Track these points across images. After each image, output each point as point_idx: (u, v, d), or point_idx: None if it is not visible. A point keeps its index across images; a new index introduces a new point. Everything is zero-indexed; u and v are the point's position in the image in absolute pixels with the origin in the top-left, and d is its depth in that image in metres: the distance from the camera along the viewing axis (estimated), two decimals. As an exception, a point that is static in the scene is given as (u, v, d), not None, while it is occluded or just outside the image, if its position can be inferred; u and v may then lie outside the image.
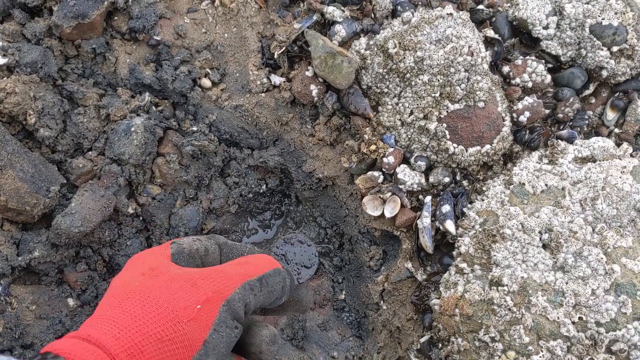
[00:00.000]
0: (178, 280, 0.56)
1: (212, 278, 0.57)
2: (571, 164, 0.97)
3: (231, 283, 0.57)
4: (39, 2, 1.05)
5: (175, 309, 0.52)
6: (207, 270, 0.59)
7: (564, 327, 0.83)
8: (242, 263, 0.61)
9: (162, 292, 0.54)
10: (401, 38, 0.96)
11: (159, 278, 0.56)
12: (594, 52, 1.01)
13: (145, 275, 0.57)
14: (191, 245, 0.64)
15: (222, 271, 0.58)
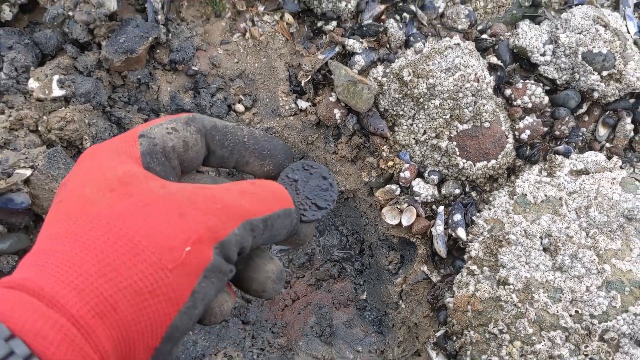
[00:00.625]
0: (159, 206, 0.42)
1: (205, 208, 0.43)
2: (567, 176, 1.09)
3: (229, 219, 0.44)
4: (89, 38, 1.17)
5: (157, 249, 0.40)
6: (198, 192, 0.44)
7: (563, 319, 0.96)
8: (246, 192, 0.47)
9: (139, 224, 0.40)
10: (415, 67, 1.09)
11: (132, 200, 0.42)
12: (586, 76, 1.13)
13: (115, 194, 0.42)
14: (165, 140, 0.48)
15: (220, 200, 0.44)
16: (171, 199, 0.43)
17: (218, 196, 0.45)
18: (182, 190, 0.44)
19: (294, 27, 1.20)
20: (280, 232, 0.49)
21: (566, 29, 1.15)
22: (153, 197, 0.42)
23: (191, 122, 0.51)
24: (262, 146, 0.54)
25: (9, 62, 1.10)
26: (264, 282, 0.51)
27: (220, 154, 0.53)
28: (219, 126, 0.52)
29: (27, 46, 1.14)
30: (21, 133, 1.06)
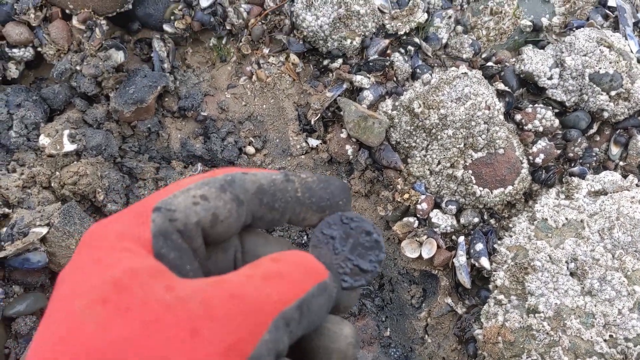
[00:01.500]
0: (166, 323, 0.32)
1: (224, 316, 0.34)
2: (586, 197, 1.09)
3: (256, 324, 0.34)
4: (97, 91, 1.18)
5: None
6: (214, 293, 0.34)
7: (597, 345, 0.93)
8: (271, 276, 0.37)
9: (138, 352, 0.31)
10: (425, 98, 1.09)
11: (129, 317, 0.32)
12: (594, 96, 1.14)
13: (108, 308, 0.33)
14: (188, 214, 0.39)
15: (241, 298, 0.35)
16: (181, 310, 0.33)
17: (237, 292, 0.35)
18: (193, 293, 0.34)
19: (300, 67, 1.21)
20: (319, 314, 0.39)
21: (571, 51, 1.16)
22: (157, 311, 0.32)
23: (228, 186, 0.41)
24: (319, 197, 0.45)
25: (18, 120, 1.10)
26: (346, 350, 0.41)
27: (269, 218, 0.44)
28: (265, 186, 0.43)
29: (36, 102, 1.14)
30: (34, 190, 1.06)
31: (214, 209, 0.39)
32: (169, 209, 0.38)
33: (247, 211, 0.42)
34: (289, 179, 0.44)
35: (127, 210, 0.39)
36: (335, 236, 0.46)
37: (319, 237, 0.47)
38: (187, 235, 0.38)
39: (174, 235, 0.38)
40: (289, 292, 0.37)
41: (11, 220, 0.98)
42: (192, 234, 0.39)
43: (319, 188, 0.45)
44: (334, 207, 0.46)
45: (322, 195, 0.45)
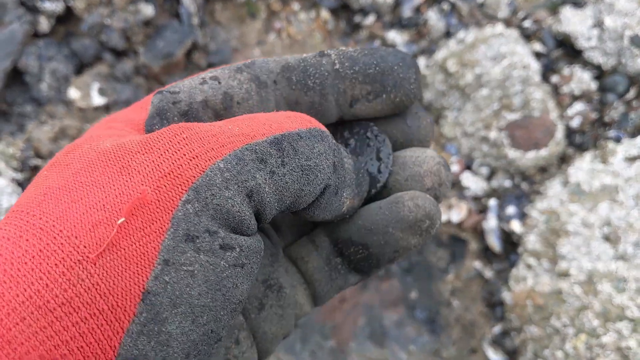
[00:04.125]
0: (99, 164, 0.27)
1: (160, 147, 0.27)
2: (621, 162, 1.06)
3: (205, 151, 0.27)
4: (126, 46, 1.17)
5: (73, 232, 0.24)
6: (161, 130, 0.28)
7: (629, 309, 0.92)
8: (240, 119, 0.29)
9: (59, 203, 0.26)
10: (459, 57, 1.07)
11: (66, 171, 0.27)
12: (633, 60, 1.10)
13: (53, 169, 0.28)
14: (192, 93, 0.32)
15: (189, 129, 0.27)
16: (116, 151, 0.27)
17: (187, 127, 0.28)
18: (140, 136, 0.28)
19: (331, 24, 1.19)
20: (316, 162, 0.29)
21: (611, 12, 1.12)
22: (93, 157, 0.27)
23: (245, 67, 0.33)
24: (364, 64, 0.34)
25: (50, 72, 1.10)
26: (438, 171, 0.34)
27: (307, 101, 0.34)
28: (292, 63, 0.34)
29: (66, 56, 1.13)
30: (65, 142, 1.06)
31: (225, 88, 0.32)
32: (171, 91, 0.32)
33: (275, 96, 0.34)
34: (322, 54, 0.35)
35: (135, 102, 0.34)
36: (349, 144, 0.38)
37: (335, 136, 0.39)
38: (194, 116, 0.32)
39: (171, 114, 0.32)
40: (262, 128, 0.28)
41: (43, 172, 0.98)
42: (200, 115, 0.32)
43: (362, 55, 0.35)
44: (387, 74, 0.34)
45: (368, 62, 0.35)
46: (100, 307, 0.24)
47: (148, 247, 0.25)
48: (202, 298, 0.25)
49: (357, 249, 0.35)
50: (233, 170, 0.26)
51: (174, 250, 0.25)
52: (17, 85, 1.11)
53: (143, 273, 0.24)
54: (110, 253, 0.24)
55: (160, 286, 0.24)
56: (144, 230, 0.25)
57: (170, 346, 0.25)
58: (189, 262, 0.25)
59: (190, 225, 0.25)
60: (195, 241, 0.25)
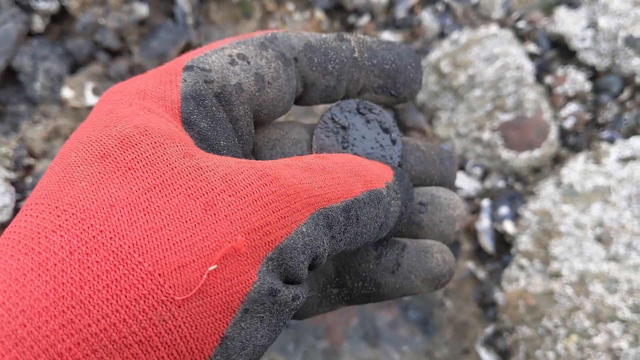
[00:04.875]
0: (177, 189, 0.25)
1: (249, 194, 0.26)
2: (615, 163, 1.06)
3: (291, 209, 0.27)
4: (121, 45, 1.17)
5: (157, 268, 0.23)
6: (242, 169, 0.27)
7: (620, 310, 0.92)
8: (315, 169, 0.30)
9: (134, 225, 0.23)
10: (453, 57, 1.07)
11: (130, 178, 0.25)
12: (627, 60, 1.10)
13: (106, 164, 0.25)
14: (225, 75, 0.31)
15: (274, 179, 0.27)
16: (197, 179, 0.25)
17: (271, 173, 0.27)
18: (217, 166, 0.26)
19: (325, 24, 1.19)
20: (369, 228, 0.30)
21: (605, 13, 1.12)
22: (165, 175, 0.25)
23: (269, 43, 0.33)
24: (382, 58, 0.36)
25: (43, 72, 1.10)
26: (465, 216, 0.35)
27: (323, 85, 0.35)
28: (314, 44, 0.34)
29: (60, 56, 1.13)
30: (58, 142, 1.06)
31: (255, 69, 0.32)
32: (203, 68, 0.31)
33: (297, 74, 0.34)
34: (343, 38, 0.36)
35: (154, 70, 0.32)
36: (347, 126, 0.38)
37: (327, 124, 0.38)
38: (226, 100, 0.31)
39: (208, 99, 0.30)
40: (335, 189, 0.29)
41: (36, 170, 0.98)
42: (233, 100, 0.31)
43: (380, 48, 0.36)
44: (400, 72, 0.36)
45: (386, 57, 0.36)
46: (180, 349, 0.23)
47: (233, 297, 0.25)
48: (263, 339, 0.27)
49: (367, 284, 0.35)
50: (311, 236, 0.27)
51: (256, 302, 0.26)
52: (11, 85, 1.11)
53: (225, 320, 0.25)
54: (197, 299, 0.24)
55: (236, 331, 0.25)
56: (232, 281, 0.25)
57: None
58: (263, 311, 0.26)
59: (268, 282, 0.26)
60: (275, 295, 0.26)
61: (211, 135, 0.30)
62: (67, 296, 0.21)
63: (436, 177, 0.38)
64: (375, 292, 0.35)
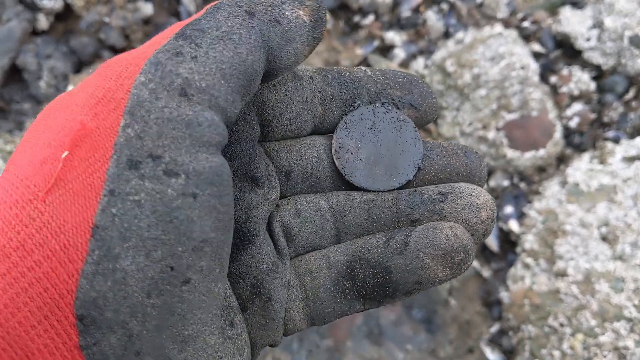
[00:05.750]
0: (50, 111, 0.27)
1: (93, 78, 0.27)
2: (620, 162, 1.06)
3: (124, 69, 0.26)
4: (125, 44, 1.17)
5: (22, 172, 0.25)
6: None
7: (626, 309, 0.92)
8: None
9: (22, 149, 0.26)
10: (458, 57, 1.07)
11: (40, 115, 0.28)
12: (633, 60, 1.10)
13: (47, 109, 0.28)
14: None
15: (112, 58, 0.28)
16: (66, 95, 0.27)
17: (115, 57, 0.28)
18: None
19: (330, 24, 1.19)
20: (228, 26, 0.27)
21: (611, 13, 1.12)
22: (50, 106, 0.28)
23: None
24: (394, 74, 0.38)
25: (48, 70, 1.10)
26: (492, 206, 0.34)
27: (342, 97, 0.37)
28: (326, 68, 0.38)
29: (65, 54, 1.13)
30: (63, 141, 1.06)
31: None
32: None
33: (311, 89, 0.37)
34: (354, 67, 0.39)
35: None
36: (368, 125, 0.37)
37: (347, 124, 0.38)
38: None
39: None
40: (165, 35, 0.28)
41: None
42: None
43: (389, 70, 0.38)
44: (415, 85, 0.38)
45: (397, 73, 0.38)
46: (53, 248, 0.23)
47: (94, 178, 0.24)
48: (153, 230, 0.24)
49: (377, 272, 0.34)
50: (155, 79, 0.25)
51: (119, 178, 0.24)
52: (15, 83, 1.11)
53: (90, 206, 0.23)
54: (58, 189, 0.24)
55: (108, 219, 0.23)
56: (88, 161, 0.24)
57: (128, 284, 0.24)
58: (134, 191, 0.24)
59: (132, 150, 0.24)
60: (138, 167, 0.24)
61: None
62: None
63: (462, 171, 0.37)
64: (388, 280, 0.33)
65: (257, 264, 0.34)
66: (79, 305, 0.23)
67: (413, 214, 0.35)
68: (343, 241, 0.37)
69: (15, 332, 0.22)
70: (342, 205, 0.37)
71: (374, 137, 0.38)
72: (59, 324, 0.23)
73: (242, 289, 0.34)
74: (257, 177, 0.34)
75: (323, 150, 0.38)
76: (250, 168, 0.34)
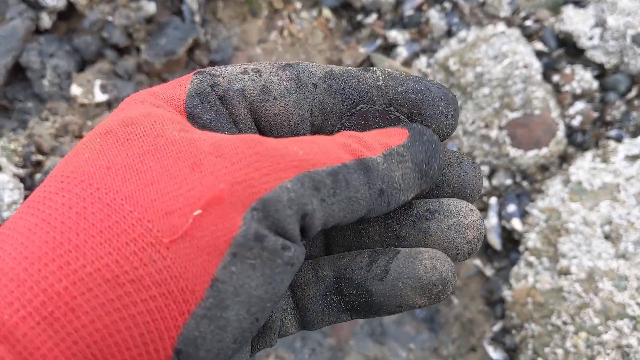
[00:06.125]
0: (165, 155, 0.28)
1: (234, 154, 0.28)
2: (623, 161, 1.06)
3: (274, 169, 0.28)
4: (128, 43, 1.17)
5: (146, 215, 0.25)
6: (230, 138, 0.29)
7: (629, 307, 0.92)
8: (303, 140, 0.30)
9: (127, 181, 0.26)
10: (461, 56, 1.07)
11: (127, 147, 0.28)
12: (636, 59, 1.11)
13: (108, 138, 0.28)
14: (231, 80, 0.33)
15: (261, 144, 0.29)
16: (187, 146, 0.28)
17: (258, 140, 0.29)
18: (207, 136, 0.29)
19: (333, 22, 1.19)
20: (363, 193, 0.30)
21: (613, 11, 1.12)
22: (159, 143, 0.28)
23: (288, 67, 0.34)
24: (407, 88, 0.34)
25: (51, 69, 1.10)
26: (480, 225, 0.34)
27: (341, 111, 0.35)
28: (336, 72, 0.34)
29: (68, 52, 1.13)
30: (67, 139, 1.06)
31: (264, 82, 0.33)
32: (212, 73, 0.33)
33: (312, 100, 0.34)
34: (368, 69, 0.35)
35: (172, 80, 0.34)
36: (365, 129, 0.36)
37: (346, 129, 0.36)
38: (228, 102, 0.33)
39: (211, 96, 0.32)
40: (321, 156, 0.30)
41: (45, 167, 0.98)
42: (234, 103, 0.33)
43: (407, 79, 0.35)
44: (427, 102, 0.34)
45: (411, 86, 0.35)
46: (170, 289, 0.25)
47: (220, 241, 0.26)
48: (259, 290, 0.27)
49: (360, 292, 0.34)
50: (297, 192, 0.28)
51: (243, 246, 0.26)
52: (19, 81, 1.11)
53: (213, 262, 0.26)
54: (184, 241, 0.25)
55: (227, 275, 0.26)
56: (217, 225, 0.26)
57: (226, 331, 0.27)
58: (253, 257, 0.27)
59: (260, 227, 0.27)
60: (262, 240, 0.27)
61: (214, 126, 0.32)
62: (65, 242, 0.24)
63: (454, 182, 0.36)
64: (370, 301, 0.34)
65: None
66: (180, 341, 0.25)
67: (400, 231, 0.35)
68: (332, 252, 0.38)
69: (110, 351, 0.24)
70: None
71: None
72: (155, 353, 0.25)
73: None
74: None
75: None
76: None
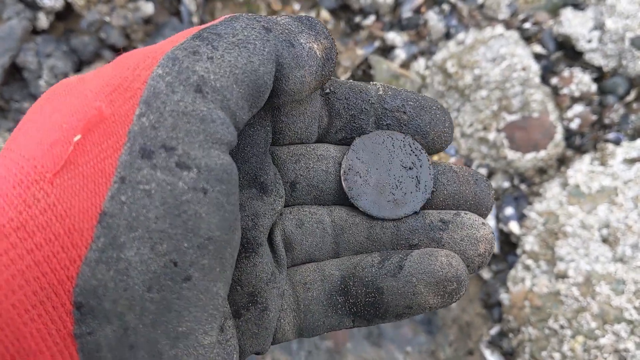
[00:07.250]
0: (59, 96, 0.27)
1: (110, 70, 0.27)
2: (621, 164, 1.06)
3: (143, 56, 0.27)
4: (126, 43, 1.17)
5: (30, 153, 0.24)
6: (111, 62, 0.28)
7: (627, 311, 0.92)
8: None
9: (24, 127, 0.26)
10: (459, 58, 1.07)
11: (37, 103, 0.28)
12: (634, 62, 1.10)
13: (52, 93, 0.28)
14: None
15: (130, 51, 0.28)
16: (77, 83, 0.27)
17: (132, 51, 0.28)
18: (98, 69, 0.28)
19: (331, 24, 1.19)
20: (245, 34, 0.28)
21: (612, 14, 1.12)
22: (57, 89, 0.28)
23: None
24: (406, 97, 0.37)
25: (48, 69, 1.10)
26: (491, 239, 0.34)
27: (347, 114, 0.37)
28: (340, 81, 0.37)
29: (65, 53, 1.13)
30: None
31: None
32: None
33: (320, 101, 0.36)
34: (370, 82, 0.38)
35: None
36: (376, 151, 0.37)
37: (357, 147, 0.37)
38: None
39: None
40: (183, 34, 0.28)
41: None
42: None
43: (405, 91, 0.37)
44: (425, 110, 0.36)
45: (410, 96, 0.37)
46: (56, 231, 0.22)
47: (105, 163, 0.24)
48: (160, 222, 0.24)
49: (369, 291, 0.34)
50: (172, 73, 0.26)
51: (131, 166, 0.24)
52: (16, 82, 1.11)
53: (100, 192, 0.23)
54: (68, 172, 0.23)
55: (116, 207, 0.23)
56: (101, 146, 0.24)
57: (130, 276, 0.23)
58: (145, 181, 0.24)
59: (146, 139, 0.24)
60: (151, 157, 0.24)
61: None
62: None
63: (470, 198, 0.37)
64: (379, 300, 0.33)
65: (257, 273, 0.33)
66: (78, 293, 0.23)
67: (412, 239, 0.36)
68: (341, 256, 0.37)
69: (8, 314, 0.22)
70: (344, 221, 0.37)
71: (386, 163, 0.37)
72: (54, 310, 0.22)
73: (239, 295, 0.33)
74: (266, 183, 0.34)
75: (332, 164, 0.37)
76: (260, 174, 0.34)
